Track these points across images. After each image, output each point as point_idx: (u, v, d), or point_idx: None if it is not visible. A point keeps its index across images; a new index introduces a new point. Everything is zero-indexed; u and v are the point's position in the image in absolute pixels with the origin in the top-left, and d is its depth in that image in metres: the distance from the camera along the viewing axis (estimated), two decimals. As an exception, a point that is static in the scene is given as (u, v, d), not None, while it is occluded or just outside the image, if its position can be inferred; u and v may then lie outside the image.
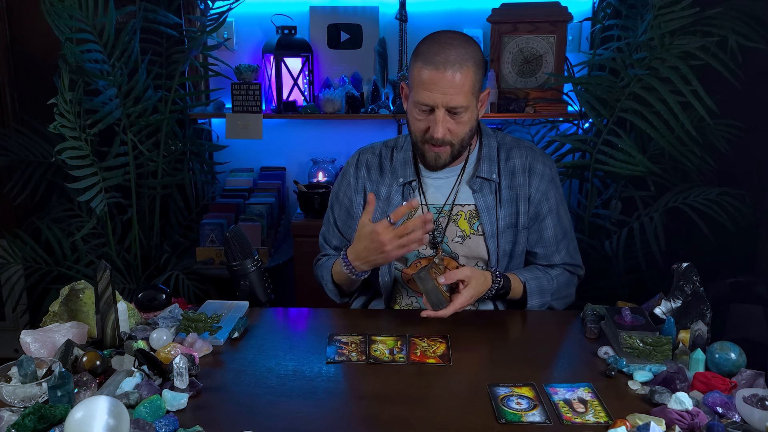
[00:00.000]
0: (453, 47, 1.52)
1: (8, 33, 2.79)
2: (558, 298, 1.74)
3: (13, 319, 2.97)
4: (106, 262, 1.41)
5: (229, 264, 1.71)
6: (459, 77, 1.51)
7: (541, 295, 1.69)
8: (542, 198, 1.70)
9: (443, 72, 1.50)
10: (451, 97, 1.52)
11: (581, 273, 1.80)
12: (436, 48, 1.52)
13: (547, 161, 1.73)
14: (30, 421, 1.12)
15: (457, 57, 1.51)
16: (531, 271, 1.71)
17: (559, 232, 1.73)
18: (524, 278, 1.68)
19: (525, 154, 1.71)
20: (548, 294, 1.70)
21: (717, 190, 2.28)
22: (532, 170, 1.70)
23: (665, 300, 1.55)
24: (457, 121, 1.56)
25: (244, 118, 2.73)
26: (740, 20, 2.22)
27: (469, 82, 1.52)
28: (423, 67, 1.52)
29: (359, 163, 1.79)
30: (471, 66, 1.52)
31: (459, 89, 1.51)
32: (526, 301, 1.68)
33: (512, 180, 1.70)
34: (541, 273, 1.71)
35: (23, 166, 2.76)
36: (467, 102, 1.54)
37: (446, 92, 1.51)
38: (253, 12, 2.86)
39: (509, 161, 1.71)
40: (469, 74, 1.52)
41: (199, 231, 2.74)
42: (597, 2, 2.69)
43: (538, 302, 1.69)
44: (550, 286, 1.70)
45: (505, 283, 1.64)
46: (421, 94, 1.53)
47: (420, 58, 1.54)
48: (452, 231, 1.69)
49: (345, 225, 1.81)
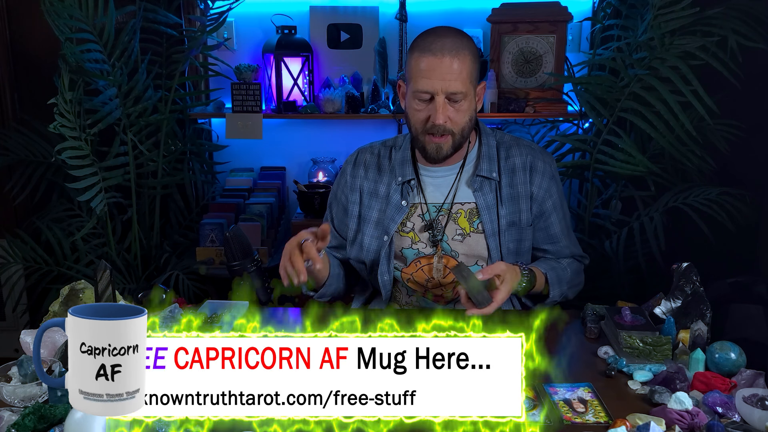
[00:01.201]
0: (448, 37, 1.55)
1: (8, 33, 2.79)
2: (571, 287, 1.74)
3: (13, 319, 2.97)
4: (106, 262, 1.41)
5: (229, 264, 1.71)
6: (457, 63, 1.53)
7: (560, 284, 1.69)
8: (545, 195, 1.71)
9: (441, 58, 1.52)
10: (450, 82, 1.53)
11: (587, 261, 1.83)
12: (432, 38, 1.56)
13: (547, 158, 1.74)
14: (30, 421, 1.12)
15: (453, 44, 1.54)
16: (545, 263, 1.72)
17: (565, 227, 1.76)
18: (544, 269, 1.67)
19: (525, 152, 1.71)
20: (565, 283, 1.70)
21: (717, 190, 2.28)
22: (534, 168, 1.70)
23: (665, 300, 1.56)
24: (456, 109, 1.57)
25: (244, 118, 2.73)
26: (740, 20, 2.22)
27: (466, 69, 1.55)
28: (421, 56, 1.55)
29: (357, 162, 1.79)
30: (468, 54, 1.55)
31: (457, 75, 1.53)
32: (548, 293, 1.67)
33: (513, 178, 1.70)
34: (555, 263, 1.72)
35: (23, 166, 2.75)
36: (465, 88, 1.55)
37: (444, 78, 1.53)
38: (253, 12, 2.86)
39: (509, 159, 1.71)
40: (466, 61, 1.55)
41: (199, 231, 2.74)
42: (597, 2, 2.69)
43: (558, 292, 1.68)
44: (565, 275, 1.71)
45: (530, 276, 1.62)
46: (420, 82, 1.55)
47: (417, 49, 1.57)
48: (452, 229, 1.69)
49: (342, 224, 1.81)
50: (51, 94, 2.33)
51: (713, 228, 2.25)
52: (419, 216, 1.71)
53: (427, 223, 1.69)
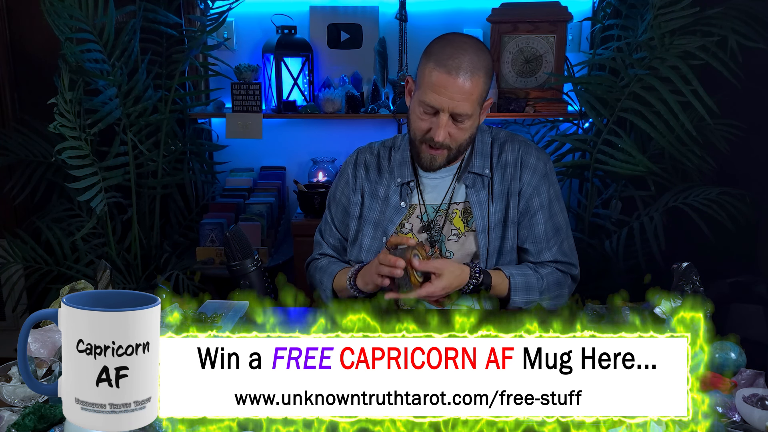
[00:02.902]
0: (467, 53, 1.51)
1: (8, 33, 2.79)
2: (548, 298, 1.69)
3: (13, 319, 2.97)
4: (106, 262, 1.41)
5: (229, 264, 1.71)
6: (469, 85, 1.50)
7: (527, 292, 1.64)
8: (533, 192, 1.68)
9: (455, 78, 1.49)
10: (458, 103, 1.51)
11: (575, 272, 1.75)
12: (450, 51, 1.51)
13: (541, 155, 1.71)
14: (30, 421, 1.12)
15: (470, 64, 1.50)
16: (520, 268, 1.68)
17: (551, 229, 1.70)
18: (509, 273, 1.64)
19: (517, 148, 1.69)
20: (536, 292, 1.65)
21: (717, 189, 2.28)
22: (524, 164, 1.68)
23: (665, 300, 1.55)
24: (458, 127, 1.56)
25: (244, 117, 2.73)
26: (740, 20, 2.22)
27: (477, 91, 1.52)
28: (434, 69, 1.51)
29: (357, 163, 1.78)
30: (482, 75, 1.52)
31: (467, 97, 1.51)
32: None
33: (504, 174, 1.68)
34: (530, 270, 1.67)
35: (23, 166, 2.75)
36: (472, 110, 1.54)
37: (454, 98, 1.50)
38: (253, 12, 2.86)
39: (502, 155, 1.69)
40: (479, 83, 1.52)
41: (199, 231, 2.74)
42: (597, 2, 2.69)
43: (522, 299, 1.64)
44: (539, 285, 1.66)
45: (485, 279, 1.60)
46: (429, 96, 1.52)
47: (433, 58, 1.52)
48: (448, 229, 1.68)
49: (342, 224, 1.81)
50: (51, 94, 2.33)
51: (713, 228, 2.26)
52: (417, 217, 1.70)
53: (425, 224, 1.69)
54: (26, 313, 2.90)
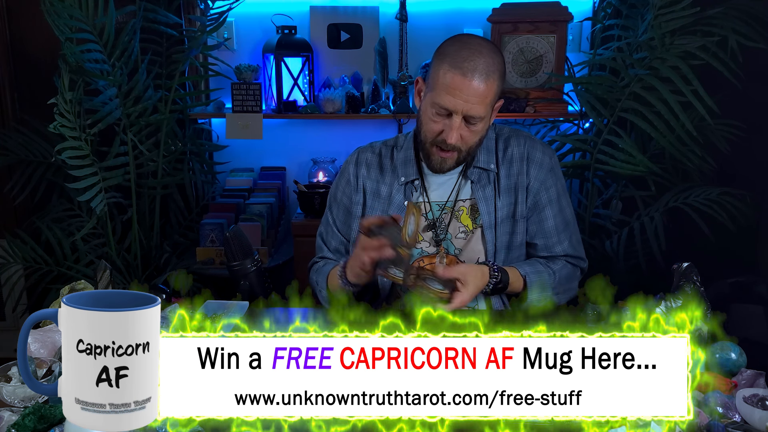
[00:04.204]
0: (482, 56, 1.50)
1: (8, 33, 2.79)
2: (559, 293, 1.71)
3: (13, 319, 2.97)
4: (106, 262, 1.41)
5: (229, 264, 1.71)
6: (483, 88, 1.50)
7: (541, 289, 1.66)
8: (541, 187, 1.68)
9: (470, 80, 1.49)
10: (472, 106, 1.51)
11: (584, 266, 1.77)
12: (466, 53, 1.50)
13: (546, 150, 1.71)
14: (30, 421, 1.12)
15: (486, 67, 1.50)
16: (532, 265, 1.68)
17: (560, 223, 1.71)
18: (524, 271, 1.65)
19: (523, 143, 1.70)
20: (549, 288, 1.67)
21: (717, 190, 2.28)
22: (531, 159, 1.68)
23: (665, 300, 1.55)
24: (470, 130, 1.55)
25: (244, 118, 2.73)
26: (740, 20, 2.22)
27: (492, 94, 1.52)
28: (449, 71, 1.50)
29: (359, 162, 1.78)
30: (496, 78, 1.52)
31: (481, 99, 1.50)
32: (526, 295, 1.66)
33: (510, 169, 1.68)
34: (542, 267, 1.68)
35: (23, 166, 2.75)
36: (485, 113, 1.54)
37: (468, 100, 1.50)
38: (253, 12, 2.86)
39: (507, 150, 1.69)
40: (494, 86, 1.52)
41: (199, 231, 2.74)
42: (597, 2, 2.69)
43: (537, 296, 1.65)
44: (551, 280, 1.67)
45: (503, 277, 1.61)
46: (443, 98, 1.52)
47: (447, 60, 1.51)
48: (455, 227, 1.68)
49: (344, 225, 1.80)
50: (51, 94, 2.33)
51: (713, 228, 2.26)
52: (422, 215, 1.70)
53: (430, 222, 1.69)
54: (26, 313, 2.90)
